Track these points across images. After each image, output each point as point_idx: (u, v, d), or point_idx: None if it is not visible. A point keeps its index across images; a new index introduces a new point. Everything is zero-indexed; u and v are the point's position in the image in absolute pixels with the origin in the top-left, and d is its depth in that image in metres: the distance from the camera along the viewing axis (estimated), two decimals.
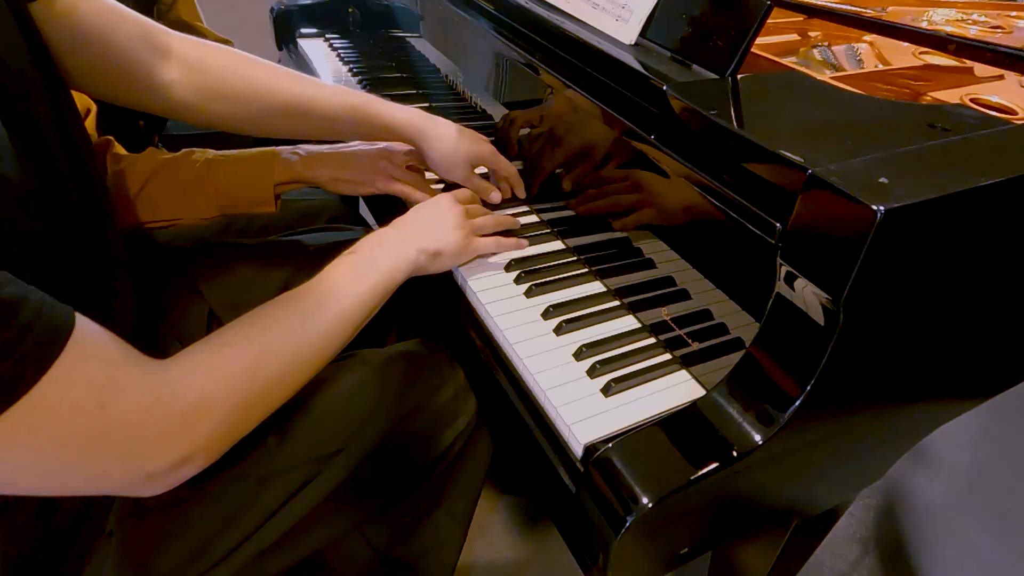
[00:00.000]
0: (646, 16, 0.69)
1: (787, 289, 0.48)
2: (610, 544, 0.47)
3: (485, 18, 0.89)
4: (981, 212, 0.46)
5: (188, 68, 0.66)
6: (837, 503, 0.74)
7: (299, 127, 0.74)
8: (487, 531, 1.15)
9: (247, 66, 0.70)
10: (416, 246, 0.65)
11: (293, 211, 0.95)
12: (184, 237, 0.84)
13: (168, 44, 0.66)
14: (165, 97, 0.66)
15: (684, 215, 0.62)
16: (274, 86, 0.70)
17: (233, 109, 0.69)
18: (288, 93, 0.71)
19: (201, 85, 0.67)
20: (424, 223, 0.68)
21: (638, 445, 0.50)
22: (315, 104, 0.72)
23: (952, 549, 1.14)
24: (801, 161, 0.45)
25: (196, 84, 0.67)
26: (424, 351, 0.70)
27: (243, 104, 0.69)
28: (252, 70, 0.70)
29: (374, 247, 0.64)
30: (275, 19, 1.32)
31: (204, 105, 0.68)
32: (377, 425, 0.61)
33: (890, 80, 0.79)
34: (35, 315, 0.35)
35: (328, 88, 0.73)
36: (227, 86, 0.68)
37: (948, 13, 1.09)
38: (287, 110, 0.71)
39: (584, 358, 0.61)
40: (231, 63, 0.69)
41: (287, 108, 0.71)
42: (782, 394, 0.47)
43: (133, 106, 0.67)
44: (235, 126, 0.73)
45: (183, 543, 0.53)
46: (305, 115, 0.72)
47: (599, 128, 0.70)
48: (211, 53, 0.69)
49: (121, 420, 0.40)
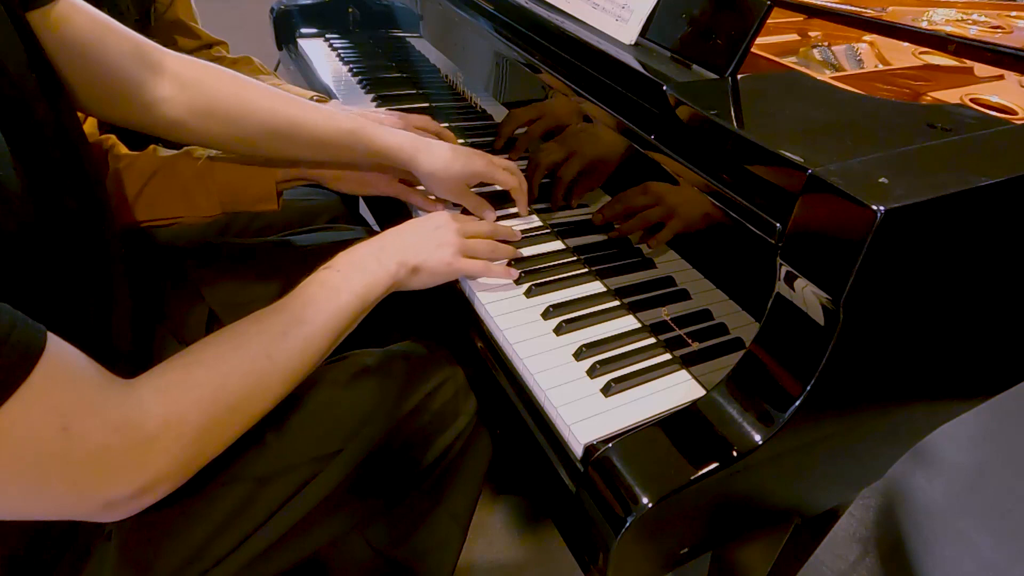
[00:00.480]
0: (646, 16, 0.69)
1: (787, 289, 0.48)
2: (610, 544, 0.47)
3: (485, 18, 0.89)
4: (981, 212, 0.46)
5: (181, 86, 0.66)
6: (837, 503, 0.74)
7: (291, 149, 0.73)
8: (487, 531, 1.15)
9: (241, 87, 0.69)
10: (396, 260, 0.63)
11: (293, 211, 0.95)
12: (185, 237, 0.84)
13: (162, 62, 0.65)
14: (157, 114, 0.65)
15: (684, 215, 0.62)
16: (268, 107, 0.70)
17: (226, 129, 0.69)
18: (281, 115, 0.70)
19: (194, 104, 0.66)
20: (408, 238, 0.67)
21: (638, 445, 0.50)
22: (308, 127, 0.71)
23: (952, 549, 1.14)
24: (801, 161, 0.45)
25: (189, 103, 0.66)
26: (424, 351, 0.70)
27: (236, 124, 0.69)
28: (246, 91, 0.69)
29: (352, 263, 0.62)
30: (275, 19, 1.32)
31: (197, 124, 0.67)
32: (377, 425, 0.61)
33: (890, 80, 0.79)
34: (6, 334, 0.35)
35: (321, 111, 0.72)
36: (220, 106, 0.68)
37: (948, 13, 1.09)
38: (280, 132, 0.70)
39: (584, 358, 0.61)
40: (225, 83, 0.69)
41: (280, 130, 0.70)
42: (782, 394, 0.47)
43: (124, 123, 0.66)
44: (227, 146, 0.72)
45: (183, 543, 0.53)
46: (297, 137, 0.71)
47: (599, 129, 0.70)
48: (206, 72, 0.68)
49: (85, 443, 0.39)
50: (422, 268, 0.65)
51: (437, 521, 0.70)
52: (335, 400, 0.62)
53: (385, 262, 0.63)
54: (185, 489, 0.47)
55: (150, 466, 0.43)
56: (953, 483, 1.22)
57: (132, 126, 0.67)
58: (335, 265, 0.61)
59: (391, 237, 0.67)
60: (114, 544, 0.52)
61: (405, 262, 0.64)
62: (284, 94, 0.72)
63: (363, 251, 0.63)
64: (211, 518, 0.54)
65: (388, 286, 0.62)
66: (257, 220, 0.92)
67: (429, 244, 0.67)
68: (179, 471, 0.45)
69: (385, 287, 0.62)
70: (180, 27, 1.02)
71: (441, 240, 0.67)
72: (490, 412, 0.71)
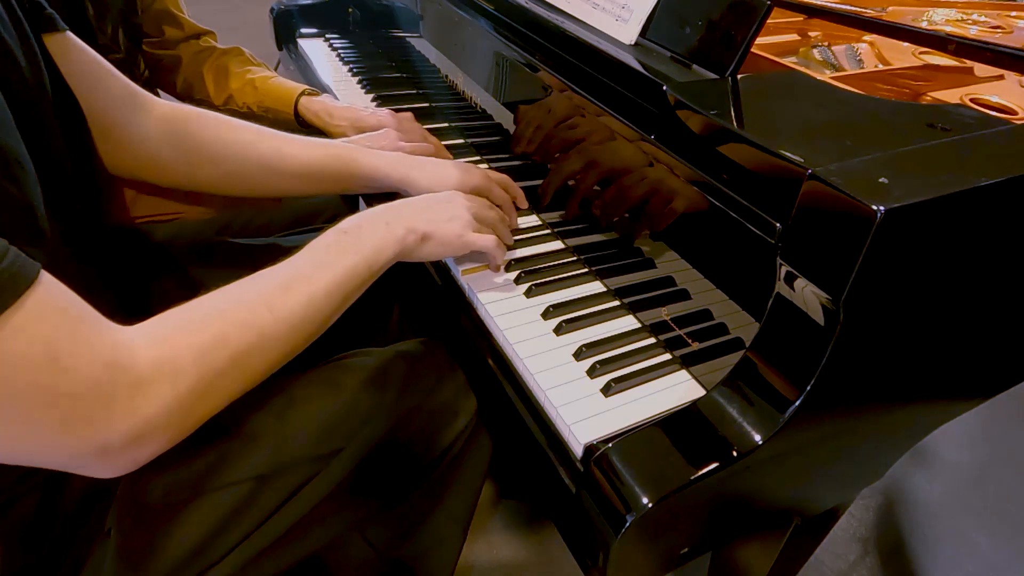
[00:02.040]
0: (646, 16, 0.69)
1: (787, 289, 0.48)
2: (610, 544, 0.47)
3: (485, 18, 0.89)
4: (981, 212, 0.46)
5: (168, 130, 0.67)
6: (837, 503, 0.74)
7: (278, 182, 0.73)
8: (487, 531, 1.15)
9: (224, 125, 0.70)
10: (405, 226, 0.62)
11: (293, 211, 0.95)
12: (184, 235, 0.84)
13: (150, 105, 0.66)
14: (141, 154, 0.66)
15: (684, 215, 0.62)
16: (248, 140, 0.70)
17: (213, 170, 0.69)
18: (264, 147, 0.70)
19: (179, 144, 0.67)
20: (420, 205, 0.66)
21: (638, 445, 0.50)
22: (294, 157, 0.71)
23: (952, 548, 1.14)
24: (801, 161, 0.45)
25: (175, 144, 0.67)
26: (424, 351, 0.70)
27: (222, 164, 0.69)
28: (229, 128, 0.70)
29: (360, 225, 0.60)
30: (275, 19, 1.32)
31: (182, 165, 0.68)
32: (377, 425, 0.61)
33: (890, 80, 0.79)
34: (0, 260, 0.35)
35: (309, 142, 0.73)
36: (204, 145, 0.68)
37: (948, 13, 1.09)
38: (264, 164, 0.71)
39: (584, 358, 0.61)
40: (209, 123, 0.69)
41: (264, 162, 0.70)
42: (782, 394, 0.47)
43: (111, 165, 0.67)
44: (214, 187, 0.72)
45: (182, 542, 0.53)
46: (282, 168, 0.71)
47: (599, 130, 0.70)
48: (191, 115, 0.69)
49: (74, 377, 0.38)
50: (432, 237, 0.63)
51: (437, 521, 0.70)
52: (335, 400, 0.61)
53: (395, 227, 0.61)
54: (185, 489, 0.47)
55: (141, 409, 0.41)
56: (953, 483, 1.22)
57: (119, 170, 0.68)
58: (343, 226, 0.60)
59: (402, 204, 0.66)
60: (114, 542, 0.52)
61: (415, 228, 0.62)
62: (266, 129, 0.72)
63: (373, 215, 0.62)
64: (211, 518, 0.54)
65: (396, 251, 0.61)
66: (257, 219, 0.92)
67: (441, 215, 0.65)
68: (174, 421, 0.44)
69: (393, 252, 0.60)
70: (167, 17, 1.03)
71: (453, 213, 0.66)
72: (490, 412, 0.71)
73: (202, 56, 1.04)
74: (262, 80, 1.01)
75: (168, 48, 1.04)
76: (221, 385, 0.47)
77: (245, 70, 1.03)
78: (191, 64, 1.04)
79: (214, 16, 1.20)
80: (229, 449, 0.55)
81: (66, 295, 0.40)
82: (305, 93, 0.99)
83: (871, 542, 1.17)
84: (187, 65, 1.04)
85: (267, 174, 0.71)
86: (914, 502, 1.21)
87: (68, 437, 0.39)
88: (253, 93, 1.01)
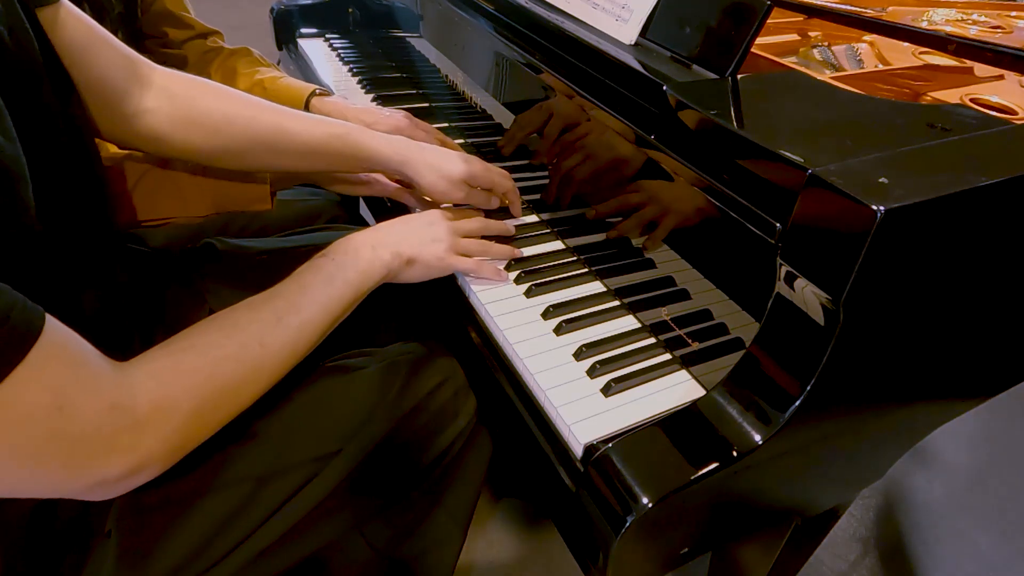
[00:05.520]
0: (646, 16, 0.69)
1: (787, 289, 0.48)
2: (610, 544, 0.47)
3: (485, 18, 0.89)
4: (981, 212, 0.46)
5: (167, 99, 0.66)
6: (837, 503, 0.74)
7: (278, 159, 0.72)
8: (487, 531, 1.15)
9: (225, 97, 0.69)
10: (391, 250, 0.64)
11: (293, 211, 0.95)
12: (182, 237, 0.84)
13: (150, 76, 0.65)
14: (140, 126, 0.65)
15: (684, 215, 0.62)
16: (250, 115, 0.69)
17: (211, 140, 0.69)
18: (265, 122, 0.70)
19: (178, 115, 0.66)
20: (403, 230, 0.67)
21: (638, 445, 0.50)
22: (293, 133, 0.70)
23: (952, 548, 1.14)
24: (801, 161, 0.45)
25: (173, 114, 0.66)
26: (424, 351, 0.70)
27: (220, 135, 0.69)
28: (230, 101, 0.69)
29: (347, 252, 0.62)
30: (275, 19, 1.32)
31: (181, 136, 0.67)
32: (376, 425, 0.61)
33: (890, 80, 0.79)
34: (5, 314, 0.35)
35: (308, 118, 0.72)
36: (204, 116, 0.67)
37: (948, 13, 1.09)
38: (265, 140, 0.70)
39: (584, 358, 0.61)
40: (210, 94, 0.68)
41: (265, 138, 0.70)
42: (782, 394, 0.47)
43: (109, 135, 0.66)
44: (212, 159, 0.72)
45: (183, 543, 0.53)
46: (283, 145, 0.71)
47: (599, 130, 0.70)
48: (192, 85, 0.68)
49: (79, 422, 0.40)
50: (416, 260, 0.66)
51: (437, 521, 0.70)
52: (335, 400, 0.62)
53: (380, 252, 0.63)
54: (185, 488, 0.47)
55: (140, 448, 0.43)
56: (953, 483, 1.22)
57: (116, 139, 0.67)
58: (330, 253, 0.62)
59: (386, 228, 0.67)
60: (114, 543, 0.52)
61: (400, 253, 0.64)
62: (268, 103, 0.71)
63: (358, 240, 0.64)
64: (211, 518, 0.54)
65: (382, 276, 0.63)
66: (256, 220, 0.92)
67: (424, 238, 0.67)
68: (169, 453, 0.46)
69: (379, 276, 0.63)
70: (169, 18, 1.02)
71: (435, 235, 0.68)
72: (490, 412, 0.71)
73: (209, 56, 1.04)
74: (271, 80, 1.00)
75: (173, 47, 1.03)
76: (214, 417, 0.49)
77: (254, 70, 1.02)
78: (197, 64, 1.03)
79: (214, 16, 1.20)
80: (229, 449, 0.55)
81: (68, 339, 0.40)
82: (315, 94, 0.97)
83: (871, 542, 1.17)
84: (193, 65, 1.03)
85: (267, 149, 0.71)
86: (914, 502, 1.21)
87: (69, 474, 0.41)
88: (262, 94, 1.00)
